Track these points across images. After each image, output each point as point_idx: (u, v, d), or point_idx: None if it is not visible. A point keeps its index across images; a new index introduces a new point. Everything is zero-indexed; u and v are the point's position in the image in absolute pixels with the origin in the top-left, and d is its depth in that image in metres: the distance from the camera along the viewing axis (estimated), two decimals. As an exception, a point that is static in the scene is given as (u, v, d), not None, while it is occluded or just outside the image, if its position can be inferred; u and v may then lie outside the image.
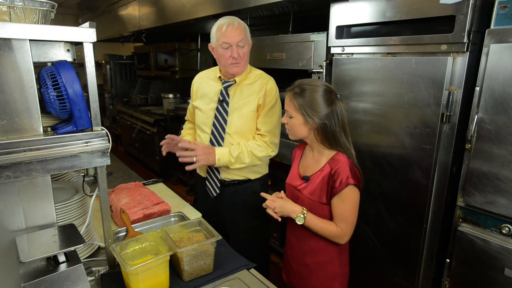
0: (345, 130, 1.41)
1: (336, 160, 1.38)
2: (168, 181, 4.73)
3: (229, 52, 1.73)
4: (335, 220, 1.40)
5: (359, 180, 1.38)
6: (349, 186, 1.34)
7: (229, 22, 1.72)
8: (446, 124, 1.67)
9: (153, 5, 4.26)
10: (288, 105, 1.41)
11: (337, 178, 1.35)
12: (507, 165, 1.47)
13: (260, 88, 1.81)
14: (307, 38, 2.30)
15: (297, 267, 1.56)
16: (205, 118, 1.88)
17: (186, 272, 1.25)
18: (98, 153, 1.10)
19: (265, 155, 1.81)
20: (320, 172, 1.41)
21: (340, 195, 1.36)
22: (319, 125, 1.35)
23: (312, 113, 1.34)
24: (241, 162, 1.78)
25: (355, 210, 1.40)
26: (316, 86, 1.37)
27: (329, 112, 1.35)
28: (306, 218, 1.39)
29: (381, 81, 1.86)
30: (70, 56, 1.09)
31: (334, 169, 1.36)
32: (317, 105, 1.34)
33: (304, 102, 1.35)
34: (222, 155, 1.75)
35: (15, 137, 0.99)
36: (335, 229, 1.39)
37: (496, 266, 1.55)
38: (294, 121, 1.41)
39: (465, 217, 1.66)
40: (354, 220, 1.41)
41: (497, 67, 1.45)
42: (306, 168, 1.50)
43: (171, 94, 4.91)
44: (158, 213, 1.70)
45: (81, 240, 1.04)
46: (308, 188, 1.44)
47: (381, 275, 2.04)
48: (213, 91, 1.87)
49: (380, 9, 1.82)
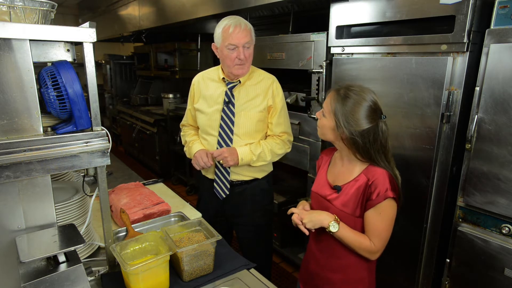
0: (385, 151, 1.28)
1: (373, 171, 1.27)
2: (168, 181, 4.73)
3: (235, 54, 1.71)
4: (368, 234, 1.29)
5: (398, 194, 1.27)
6: (387, 199, 1.23)
7: (236, 23, 1.70)
8: (446, 124, 1.67)
9: (153, 5, 4.26)
10: (326, 104, 1.31)
11: (375, 189, 1.24)
12: (507, 165, 1.47)
13: (266, 88, 1.82)
14: (307, 38, 2.30)
15: (321, 284, 1.45)
16: (210, 120, 1.85)
17: (186, 272, 1.25)
18: (98, 153, 1.10)
19: (283, 152, 1.87)
20: (354, 182, 1.30)
21: (376, 208, 1.25)
22: (349, 138, 1.25)
23: (345, 124, 1.23)
24: (263, 160, 1.83)
25: (390, 226, 1.29)
26: (362, 99, 1.24)
27: (364, 131, 1.23)
28: (340, 226, 1.27)
29: (381, 81, 1.86)
30: (70, 56, 1.09)
31: (371, 180, 1.25)
32: (354, 120, 1.23)
33: (343, 110, 1.24)
34: (245, 154, 1.78)
35: (15, 137, 0.99)
36: (368, 243, 1.28)
37: (496, 266, 1.55)
38: (324, 121, 1.32)
39: (465, 217, 1.66)
40: (388, 236, 1.30)
41: (497, 67, 1.45)
42: (336, 176, 1.38)
43: (171, 94, 4.92)
44: (158, 213, 1.70)
45: (81, 240, 1.04)
46: (340, 199, 1.32)
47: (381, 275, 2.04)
48: (216, 93, 1.85)
49: (380, 9, 1.82)
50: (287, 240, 2.92)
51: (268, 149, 1.82)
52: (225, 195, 1.91)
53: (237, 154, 1.77)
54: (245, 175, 1.89)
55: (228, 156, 1.75)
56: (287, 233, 2.87)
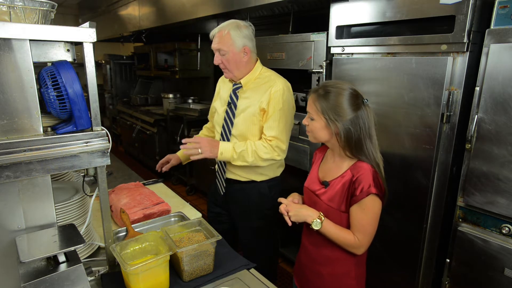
0: (371, 137, 1.32)
1: (358, 167, 1.31)
2: (168, 181, 4.73)
3: (215, 58, 1.81)
4: (352, 230, 1.33)
5: (382, 190, 1.30)
6: (370, 195, 1.27)
7: (219, 28, 1.77)
8: (446, 124, 1.67)
9: (153, 5, 4.26)
10: (311, 107, 1.35)
11: (358, 185, 1.28)
12: (507, 165, 1.47)
13: (264, 91, 1.79)
14: (307, 38, 2.30)
15: (311, 276, 1.49)
16: (219, 119, 1.94)
17: (186, 272, 1.25)
18: (98, 153, 1.10)
19: (269, 157, 1.78)
20: (340, 178, 1.34)
21: (360, 204, 1.29)
22: (342, 130, 1.28)
23: (335, 117, 1.27)
24: (243, 160, 1.77)
25: (375, 221, 1.32)
26: (342, 89, 1.29)
27: (353, 118, 1.27)
28: (323, 224, 1.32)
29: (381, 81, 1.86)
30: (70, 56, 1.09)
31: (355, 176, 1.29)
32: (342, 110, 1.27)
33: (328, 105, 1.28)
34: (226, 149, 1.75)
35: (15, 137, 0.99)
36: (352, 239, 1.32)
37: (496, 266, 1.55)
38: (315, 124, 1.35)
39: (465, 217, 1.66)
40: (372, 231, 1.33)
41: (497, 67, 1.45)
42: (326, 172, 1.43)
43: (171, 94, 4.92)
44: (158, 213, 1.70)
45: (81, 240, 1.04)
46: (327, 194, 1.37)
47: (381, 275, 2.04)
48: (226, 93, 1.91)
49: (380, 9, 1.82)
50: (287, 240, 2.92)
51: (252, 149, 1.76)
52: (222, 192, 1.94)
53: (218, 148, 1.74)
54: (239, 175, 1.88)
55: (204, 147, 1.71)
56: (287, 233, 2.86)
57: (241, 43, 1.75)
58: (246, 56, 1.78)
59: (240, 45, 1.75)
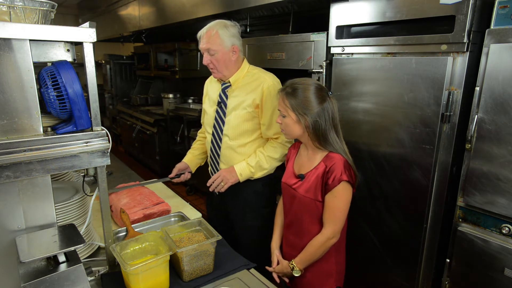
0: (336, 128, 1.42)
1: (330, 158, 1.40)
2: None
3: (204, 58, 1.81)
4: (324, 218, 1.42)
5: (352, 177, 1.39)
6: (342, 182, 1.36)
7: (207, 28, 1.76)
8: (446, 124, 1.67)
9: (153, 5, 4.25)
10: (281, 105, 1.44)
11: (331, 175, 1.37)
12: (507, 165, 1.47)
13: (255, 87, 1.80)
14: (307, 38, 2.30)
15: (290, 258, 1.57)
16: (209, 119, 1.94)
17: (186, 272, 1.25)
18: (98, 153, 1.10)
19: (281, 154, 1.84)
20: (315, 170, 1.43)
21: (332, 192, 1.38)
22: (310, 123, 1.37)
23: (304, 111, 1.37)
24: (262, 169, 1.83)
25: (346, 207, 1.42)
26: (307, 85, 1.39)
27: (320, 110, 1.37)
28: (298, 266, 1.47)
29: (381, 81, 1.86)
30: (70, 56, 1.09)
31: (328, 167, 1.38)
32: (309, 103, 1.37)
33: (297, 101, 1.38)
34: (242, 169, 1.81)
35: (15, 137, 0.99)
36: (320, 238, 1.42)
37: (496, 266, 1.55)
38: (287, 121, 1.43)
39: (465, 217, 1.66)
40: (342, 217, 1.42)
41: (497, 67, 1.45)
42: (301, 166, 1.52)
43: (171, 94, 4.92)
44: (158, 213, 1.70)
45: (81, 240, 1.04)
46: (303, 186, 1.45)
47: (381, 275, 2.04)
48: (215, 94, 1.91)
49: (380, 9, 1.82)
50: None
51: (265, 156, 1.81)
52: (217, 193, 1.92)
53: (235, 171, 1.80)
54: None
55: (224, 178, 1.80)
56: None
57: (230, 42, 1.76)
58: (235, 55, 1.79)
59: (229, 44, 1.76)
